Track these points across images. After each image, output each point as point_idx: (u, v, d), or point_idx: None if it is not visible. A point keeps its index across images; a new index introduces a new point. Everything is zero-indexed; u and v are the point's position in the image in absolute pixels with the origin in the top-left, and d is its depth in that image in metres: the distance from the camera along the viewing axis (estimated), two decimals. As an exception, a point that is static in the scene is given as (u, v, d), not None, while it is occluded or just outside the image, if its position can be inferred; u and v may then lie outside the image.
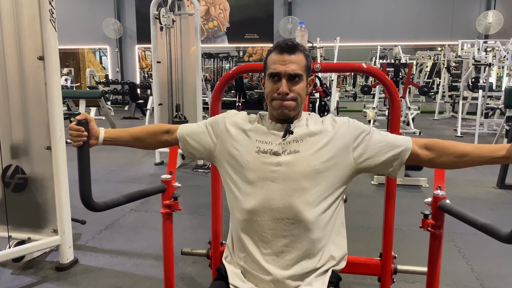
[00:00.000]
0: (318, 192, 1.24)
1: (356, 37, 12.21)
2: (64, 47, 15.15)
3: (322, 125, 1.31)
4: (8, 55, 2.53)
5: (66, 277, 2.59)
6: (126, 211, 3.79)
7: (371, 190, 4.49)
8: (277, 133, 1.29)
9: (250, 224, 1.25)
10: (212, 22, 12.85)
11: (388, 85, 1.94)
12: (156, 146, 1.48)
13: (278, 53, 1.26)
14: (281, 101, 1.26)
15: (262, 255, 1.24)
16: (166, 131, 1.45)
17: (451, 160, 1.27)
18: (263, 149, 1.27)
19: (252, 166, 1.26)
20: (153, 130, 1.46)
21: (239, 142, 1.31)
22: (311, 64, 1.34)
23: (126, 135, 1.44)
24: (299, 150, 1.25)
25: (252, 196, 1.25)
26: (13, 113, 2.58)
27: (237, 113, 1.40)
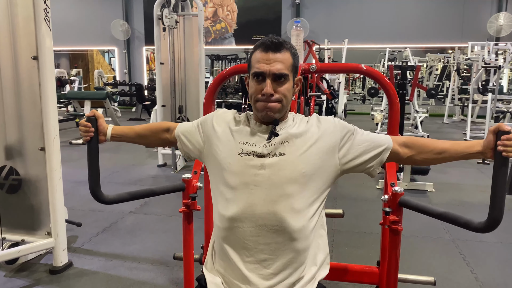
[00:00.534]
0: (304, 197, 1.17)
1: (364, 39, 12.09)
2: (73, 48, 15.28)
3: (307, 125, 1.25)
4: (2, 55, 2.51)
5: (59, 281, 2.55)
6: (125, 213, 3.75)
7: (375, 194, 4.40)
8: (262, 135, 1.23)
9: (232, 230, 1.19)
10: (219, 23, 12.82)
11: (387, 87, 1.87)
12: (158, 144, 1.52)
13: (263, 51, 1.20)
14: (265, 102, 1.19)
15: (244, 263, 1.17)
16: (167, 129, 1.47)
17: (430, 157, 1.29)
18: (246, 151, 1.21)
19: (234, 169, 1.20)
20: (155, 128, 1.49)
21: (223, 142, 1.25)
22: (298, 63, 1.27)
23: (131, 132, 1.49)
24: (284, 152, 1.19)
25: (234, 201, 1.19)
26: (7, 113, 2.55)
27: (225, 112, 1.34)
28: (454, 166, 5.59)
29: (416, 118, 8.15)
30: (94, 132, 1.40)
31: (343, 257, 2.91)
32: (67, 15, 13.60)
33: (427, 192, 4.41)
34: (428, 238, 3.24)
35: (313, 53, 9.15)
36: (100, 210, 3.82)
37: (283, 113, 1.24)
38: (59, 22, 13.64)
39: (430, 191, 4.43)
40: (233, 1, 12.66)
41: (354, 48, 12.19)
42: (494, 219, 1.20)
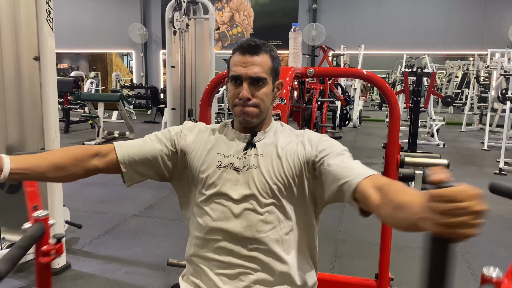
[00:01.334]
0: (278, 210, 1.11)
1: (382, 45, 11.94)
2: (92, 51, 15.53)
3: (288, 140, 1.18)
4: (5, 55, 2.52)
5: (55, 283, 2.53)
6: (129, 216, 3.73)
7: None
8: (240, 144, 1.17)
9: (208, 242, 1.14)
10: (236, 28, 12.85)
11: (387, 93, 1.80)
12: (79, 176, 1.12)
13: (240, 54, 1.14)
14: (242, 107, 1.14)
15: (218, 276, 1.12)
16: (94, 154, 1.13)
17: (388, 212, 0.85)
18: (224, 164, 1.15)
19: (211, 182, 1.14)
20: (78, 154, 1.11)
21: (198, 155, 1.19)
22: (279, 66, 1.21)
23: (44, 163, 1.05)
24: (258, 165, 1.13)
25: (210, 213, 1.13)
26: (9, 113, 2.56)
27: (195, 125, 1.27)
28: (468, 176, 5.43)
29: (432, 126, 7.98)
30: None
31: (345, 268, 2.82)
32: (87, 18, 13.84)
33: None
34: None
35: (328, 58, 9.07)
36: (104, 212, 3.82)
37: (261, 118, 1.18)
38: (79, 25, 13.91)
39: (442, 202, 4.29)
40: (250, 6, 12.68)
41: (371, 54, 12.05)
42: None
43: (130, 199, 4.19)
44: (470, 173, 5.67)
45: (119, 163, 1.15)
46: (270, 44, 1.18)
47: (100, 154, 1.14)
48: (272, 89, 1.18)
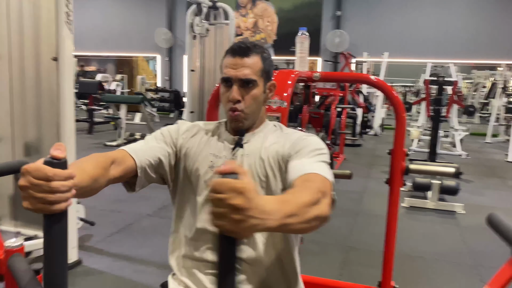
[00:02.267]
0: None
1: (406, 53, 11.79)
2: (119, 54, 15.88)
3: (276, 139, 1.19)
4: (26, 56, 2.61)
5: (66, 277, 2.60)
6: (143, 215, 3.80)
7: (400, 213, 4.18)
8: (229, 145, 1.19)
9: (197, 242, 1.16)
10: (259, 34, 12.92)
11: (394, 100, 1.79)
12: (102, 187, 0.99)
13: (231, 56, 1.15)
14: (232, 112, 1.15)
15: (206, 276, 1.13)
16: (112, 161, 1.03)
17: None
18: (217, 165, 1.17)
19: (203, 182, 1.16)
20: (103, 162, 1.00)
21: (194, 154, 1.21)
22: (271, 68, 1.22)
23: (86, 177, 0.90)
24: (245, 165, 1.14)
25: (201, 214, 1.15)
26: (28, 112, 2.65)
27: (192, 124, 1.30)
28: (490, 189, 5.29)
29: (455, 136, 7.81)
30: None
31: (353, 276, 2.79)
32: (115, 22, 14.19)
33: (456, 214, 4.17)
34: (450, 262, 3.05)
35: (349, 65, 9.01)
36: (119, 211, 3.90)
37: (251, 121, 1.19)
38: (107, 29, 14.27)
39: (459, 213, 4.19)
40: (273, 13, 12.74)
41: (395, 62, 11.90)
42: None
43: (146, 199, 4.26)
44: (492, 185, 5.52)
45: (136, 168, 1.09)
46: (262, 45, 1.20)
47: (116, 161, 1.04)
48: (264, 91, 1.19)
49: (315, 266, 2.92)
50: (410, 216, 4.13)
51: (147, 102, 8.77)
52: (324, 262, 3.01)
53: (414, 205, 4.37)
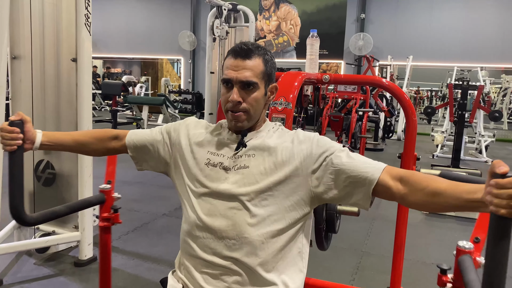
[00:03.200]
0: (265, 214, 1.11)
1: (431, 57, 11.57)
2: (144, 56, 16.17)
3: (281, 140, 1.18)
4: (47, 56, 2.69)
5: (81, 273, 2.66)
6: (159, 215, 3.84)
7: (418, 219, 4.13)
8: (231, 145, 1.19)
9: (192, 239, 1.16)
10: (282, 37, 12.93)
11: (405, 104, 1.76)
12: (102, 153, 1.35)
13: (232, 57, 1.15)
14: (232, 112, 1.15)
15: (201, 274, 1.13)
16: (114, 137, 1.33)
17: (422, 199, 1.00)
18: (213, 162, 1.17)
19: (199, 179, 1.17)
20: (100, 135, 1.33)
21: (191, 152, 1.22)
22: (273, 70, 1.21)
23: (68, 139, 1.30)
24: (248, 165, 1.14)
25: (197, 211, 1.16)
26: (48, 110, 2.73)
27: (197, 121, 1.31)
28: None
29: (480, 142, 7.61)
30: (22, 139, 1.17)
31: (366, 281, 2.75)
32: (140, 25, 14.45)
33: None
34: None
35: (372, 68, 8.89)
36: (136, 210, 3.96)
37: (252, 122, 1.18)
38: (133, 32, 14.55)
39: (481, 221, 4.07)
40: (296, 15, 12.73)
41: (420, 66, 11.70)
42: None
43: (163, 199, 4.32)
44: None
45: (126, 147, 1.32)
46: (265, 47, 1.20)
47: (118, 138, 1.32)
48: (265, 93, 1.18)
49: (327, 270, 2.89)
50: (429, 223, 4.04)
51: (169, 103, 8.89)
52: (337, 266, 2.98)
53: (434, 212, 4.27)
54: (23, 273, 2.63)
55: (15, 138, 1.15)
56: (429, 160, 7.13)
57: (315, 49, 1.82)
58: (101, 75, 15.77)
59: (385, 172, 1.06)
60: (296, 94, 1.51)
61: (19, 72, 2.73)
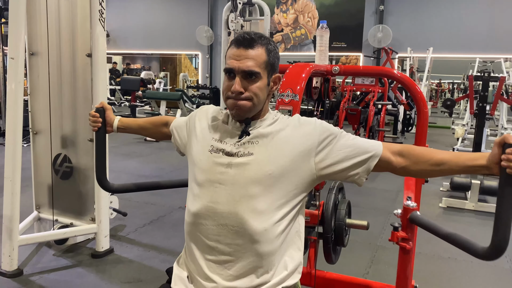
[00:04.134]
0: (269, 200, 1.11)
1: (453, 48, 11.30)
2: (162, 52, 16.30)
3: (283, 126, 1.19)
4: (63, 52, 2.74)
5: (98, 265, 2.72)
6: (174, 208, 3.89)
7: (436, 213, 4.07)
8: (235, 133, 1.20)
9: (196, 226, 1.18)
10: (299, 30, 12.83)
11: (417, 96, 1.74)
12: (158, 137, 1.57)
13: (235, 47, 1.15)
14: (235, 100, 1.15)
15: (206, 261, 1.15)
16: (165, 123, 1.51)
17: (427, 168, 1.15)
18: (216, 148, 1.19)
19: (202, 165, 1.18)
20: (156, 121, 1.56)
21: (198, 138, 1.24)
22: (277, 60, 1.21)
23: (135, 124, 1.57)
24: (253, 152, 1.15)
25: (199, 198, 1.17)
26: (64, 106, 2.79)
27: (208, 108, 1.33)
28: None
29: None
30: (102, 122, 1.49)
31: (380, 275, 2.73)
32: (159, 21, 14.55)
33: (497, 216, 3.97)
34: (484, 265, 2.91)
35: (391, 61, 8.75)
36: (153, 203, 4.02)
37: (254, 111, 1.19)
38: (151, 27, 14.67)
39: (501, 215, 3.99)
40: (314, 8, 12.60)
41: (441, 58, 11.47)
42: (497, 246, 1.05)
43: (179, 192, 4.33)
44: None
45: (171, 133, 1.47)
46: (268, 37, 1.19)
47: (167, 124, 1.50)
48: (268, 83, 1.18)
49: (341, 264, 2.87)
50: (447, 217, 3.98)
51: (186, 98, 8.94)
52: (351, 260, 2.96)
53: (452, 206, 4.20)
54: (43, 264, 2.70)
55: (97, 121, 1.47)
56: (449, 154, 6.99)
57: (325, 41, 1.81)
58: (120, 71, 15.98)
59: (384, 148, 1.17)
60: (303, 86, 1.50)
61: (37, 68, 2.80)
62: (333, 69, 1.78)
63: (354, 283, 1.94)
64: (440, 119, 12.05)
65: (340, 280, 1.97)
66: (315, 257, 1.92)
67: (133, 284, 2.50)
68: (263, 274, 1.12)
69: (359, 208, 3.95)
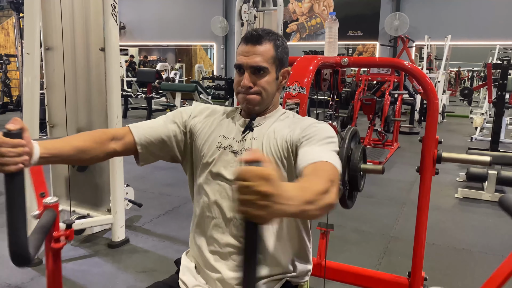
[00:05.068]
0: None
1: (472, 35, 11.05)
2: (178, 43, 16.36)
3: (286, 124, 1.20)
4: (77, 47, 2.79)
5: (114, 254, 2.79)
6: (189, 199, 3.90)
7: (452, 204, 4.03)
8: (240, 128, 1.22)
9: (202, 219, 1.21)
10: (315, 19, 12.71)
11: (426, 86, 1.72)
12: (101, 158, 1.17)
13: (244, 43, 1.18)
14: (244, 94, 1.18)
15: (211, 253, 1.18)
16: (111, 137, 1.17)
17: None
18: (224, 145, 1.20)
19: (209, 161, 1.21)
20: (98, 137, 1.15)
21: (205, 135, 1.25)
22: (285, 55, 1.22)
23: (68, 148, 1.07)
24: (251, 148, 1.17)
25: (205, 192, 1.20)
26: (80, 99, 2.84)
27: (206, 107, 1.33)
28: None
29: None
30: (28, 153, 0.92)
31: (392, 266, 2.73)
32: (174, 12, 14.59)
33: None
34: (499, 256, 2.88)
35: (407, 49, 8.61)
36: (168, 194, 4.08)
37: (263, 106, 1.21)
38: (166, 19, 14.72)
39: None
40: (330, -3, 12.46)
41: (460, 45, 11.23)
42: None
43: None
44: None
45: (135, 144, 1.18)
46: (276, 33, 1.21)
47: (116, 137, 1.17)
48: (276, 78, 1.20)
49: (354, 255, 2.89)
50: (463, 208, 3.94)
51: (202, 89, 8.99)
52: (364, 251, 2.97)
53: (468, 196, 4.15)
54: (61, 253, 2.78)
55: (21, 154, 0.88)
56: (466, 143, 6.89)
57: (334, 32, 1.80)
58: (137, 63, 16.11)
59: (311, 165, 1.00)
60: (311, 78, 1.50)
61: (52, 62, 2.85)
62: (342, 61, 1.77)
63: (364, 275, 1.95)
64: (459, 108, 11.84)
65: (350, 271, 1.98)
66: (325, 247, 1.94)
67: (148, 274, 2.56)
68: (268, 266, 1.15)
69: (374, 198, 3.94)
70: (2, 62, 9.74)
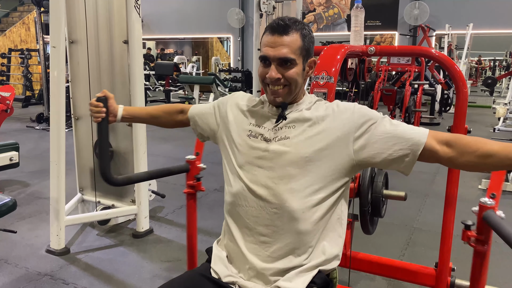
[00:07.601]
0: (306, 183, 1.13)
1: (495, 24, 10.76)
2: (194, 36, 16.38)
3: (321, 111, 1.18)
4: (101, 40, 2.82)
5: (139, 244, 2.84)
6: (211, 190, 3.98)
7: (476, 195, 3.97)
8: (272, 118, 1.21)
9: (235, 208, 1.21)
10: (332, 9, 12.56)
11: (456, 74, 1.69)
12: (172, 125, 1.51)
13: (269, 34, 1.15)
14: (272, 86, 1.17)
15: (244, 242, 1.18)
16: (180, 110, 1.47)
17: (473, 160, 1.06)
18: (254, 133, 1.21)
19: (241, 149, 1.21)
20: (169, 109, 1.50)
21: (235, 124, 1.26)
22: (312, 45, 1.20)
23: (143, 113, 1.50)
24: (289, 136, 1.16)
25: (239, 180, 1.20)
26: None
27: (242, 95, 1.34)
28: None
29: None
30: (105, 112, 1.36)
31: (416, 257, 2.71)
32: (190, 4, 14.60)
33: (542, 198, 3.84)
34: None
35: (428, 39, 8.45)
36: (189, 185, 4.11)
37: (291, 96, 1.20)
38: (183, 11, 14.75)
39: (545, 197, 3.85)
40: (347, -14, 12.29)
41: (482, 34, 10.96)
42: None
43: (216, 175, 4.41)
44: None
45: (188, 120, 1.46)
46: (302, 21, 1.19)
47: (183, 111, 1.47)
48: (303, 68, 1.18)
49: (377, 246, 2.88)
50: (487, 199, 3.87)
51: (219, 82, 9.01)
52: (387, 242, 2.95)
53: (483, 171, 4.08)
54: (88, 243, 2.84)
55: (100, 112, 1.35)
56: (489, 134, 6.76)
57: (360, 21, 1.78)
58: (154, 56, 16.21)
59: (430, 137, 1.10)
60: (339, 67, 1.49)
61: (76, 55, 2.89)
62: (369, 50, 1.75)
63: (391, 265, 1.94)
64: (480, 98, 11.59)
65: (375, 261, 1.97)
66: (350, 238, 1.94)
67: (173, 263, 2.60)
68: (300, 255, 1.15)
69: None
70: (24, 56, 9.90)
